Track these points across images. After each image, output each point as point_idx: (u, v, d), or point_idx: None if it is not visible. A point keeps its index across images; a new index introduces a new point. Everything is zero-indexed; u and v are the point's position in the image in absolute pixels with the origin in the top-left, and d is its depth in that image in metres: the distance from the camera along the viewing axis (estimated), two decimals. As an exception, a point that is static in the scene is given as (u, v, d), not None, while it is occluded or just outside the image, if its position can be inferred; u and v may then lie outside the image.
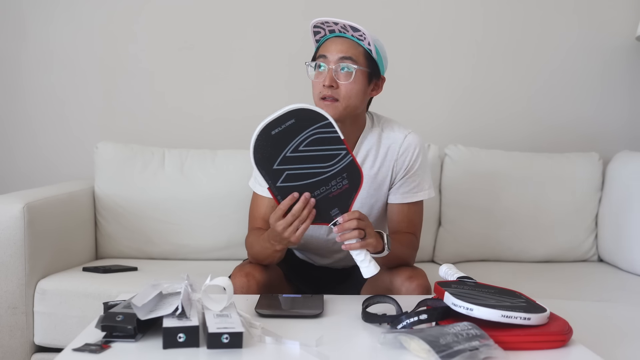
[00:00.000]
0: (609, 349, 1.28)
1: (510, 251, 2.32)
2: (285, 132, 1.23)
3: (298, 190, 1.26)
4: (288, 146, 1.23)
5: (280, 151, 1.23)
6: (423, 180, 1.64)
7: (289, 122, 1.23)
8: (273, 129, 1.22)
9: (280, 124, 1.22)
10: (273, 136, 1.22)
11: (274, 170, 1.23)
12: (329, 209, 1.30)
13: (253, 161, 1.22)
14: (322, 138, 1.26)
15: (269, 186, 1.25)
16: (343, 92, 1.51)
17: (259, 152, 1.22)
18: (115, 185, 2.24)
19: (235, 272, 1.56)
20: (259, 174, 1.24)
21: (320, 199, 1.28)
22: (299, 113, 1.24)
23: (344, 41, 1.52)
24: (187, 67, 2.53)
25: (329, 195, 1.29)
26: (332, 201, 1.29)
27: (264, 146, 1.22)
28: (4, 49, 2.52)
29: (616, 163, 2.35)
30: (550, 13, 2.56)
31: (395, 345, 1.07)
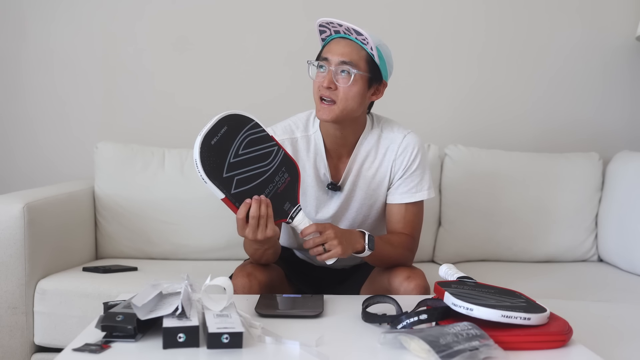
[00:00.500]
0: (609, 349, 1.28)
1: (510, 251, 2.32)
2: (222, 140, 1.27)
3: (250, 193, 1.29)
4: (229, 152, 1.27)
5: (224, 159, 1.26)
6: (422, 181, 1.64)
7: (223, 130, 1.27)
8: (211, 139, 1.26)
9: (216, 133, 1.26)
10: (213, 146, 1.26)
11: (225, 179, 1.26)
12: (282, 205, 1.34)
13: (204, 174, 1.24)
14: (255, 139, 1.31)
15: (225, 196, 1.27)
16: (341, 94, 1.51)
17: (207, 165, 1.24)
18: (115, 185, 2.24)
19: (237, 272, 1.56)
20: (213, 187, 1.26)
21: (271, 197, 1.32)
22: (229, 119, 1.29)
23: (347, 44, 1.52)
24: (187, 67, 2.53)
25: (277, 191, 1.33)
26: (282, 196, 1.34)
27: (208, 157, 1.25)
28: (4, 49, 2.52)
29: (616, 163, 2.35)
30: (550, 13, 2.56)
31: (395, 345, 1.07)
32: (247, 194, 1.29)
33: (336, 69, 1.51)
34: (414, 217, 1.65)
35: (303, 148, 1.64)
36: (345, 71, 1.51)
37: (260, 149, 1.32)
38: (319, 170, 1.64)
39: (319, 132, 1.63)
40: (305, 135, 1.64)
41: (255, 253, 1.53)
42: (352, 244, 1.43)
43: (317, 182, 1.65)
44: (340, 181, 1.65)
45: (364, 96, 1.55)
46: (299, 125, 1.65)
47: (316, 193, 1.65)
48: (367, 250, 1.45)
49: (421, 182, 1.64)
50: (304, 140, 1.64)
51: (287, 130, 1.64)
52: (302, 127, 1.65)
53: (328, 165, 1.64)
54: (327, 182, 1.65)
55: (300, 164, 1.63)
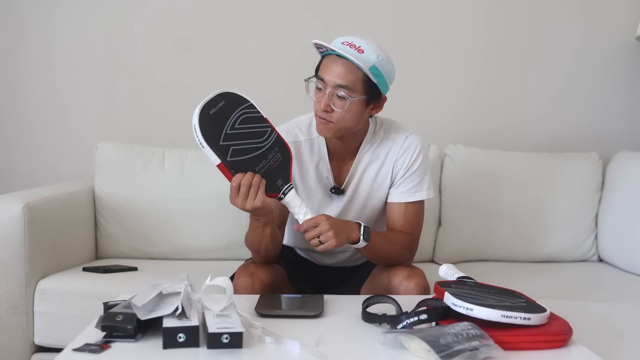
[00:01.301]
0: (609, 349, 1.28)
1: (510, 251, 2.32)
2: (220, 112, 1.33)
3: (245, 164, 1.34)
4: (226, 124, 1.33)
5: (221, 129, 1.32)
6: (422, 181, 1.65)
7: (221, 104, 1.34)
8: (210, 109, 1.32)
9: (214, 105, 1.33)
10: (211, 115, 1.31)
11: (221, 146, 1.31)
12: (275, 180, 1.38)
13: (202, 139, 1.29)
14: (250, 117, 1.37)
15: (222, 162, 1.31)
16: (337, 116, 1.51)
17: (205, 130, 1.29)
18: (115, 185, 2.24)
19: (239, 272, 1.56)
20: (210, 152, 1.30)
21: (264, 172, 1.36)
22: (227, 96, 1.36)
23: (343, 64, 1.48)
24: (187, 67, 2.53)
25: (270, 167, 1.37)
26: (275, 173, 1.38)
27: (207, 124, 1.30)
28: (4, 49, 2.52)
29: (616, 163, 2.35)
30: (550, 14, 2.56)
31: (395, 345, 1.07)
32: (242, 164, 1.33)
33: (332, 92, 1.49)
34: (414, 216, 1.65)
35: (306, 151, 1.64)
36: (341, 95, 1.49)
37: (255, 127, 1.37)
38: (321, 173, 1.65)
39: (322, 137, 1.64)
40: (309, 139, 1.65)
41: (255, 236, 1.53)
42: (348, 234, 1.45)
43: (319, 185, 1.65)
44: (344, 185, 1.66)
45: (361, 115, 1.55)
46: (302, 129, 1.66)
47: (318, 196, 1.66)
48: (362, 241, 1.46)
49: (421, 182, 1.64)
50: (307, 144, 1.64)
51: (291, 133, 1.65)
52: (306, 130, 1.65)
53: (331, 169, 1.64)
54: (330, 186, 1.66)
55: (304, 167, 1.64)
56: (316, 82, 1.54)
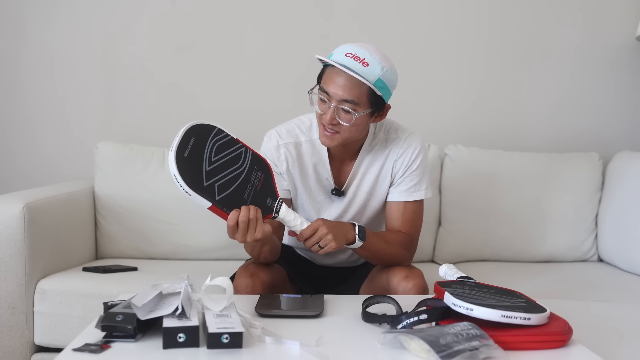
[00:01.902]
0: (609, 349, 1.28)
1: (510, 251, 2.32)
2: (193, 151, 1.30)
3: (233, 196, 1.32)
4: (203, 161, 1.30)
5: (200, 169, 1.29)
6: (421, 181, 1.65)
7: (191, 141, 1.31)
8: (183, 151, 1.29)
9: (186, 145, 1.30)
10: (187, 158, 1.28)
11: (207, 187, 1.28)
12: (264, 202, 1.37)
13: (187, 186, 1.25)
14: (222, 144, 1.35)
15: (213, 204, 1.29)
16: (343, 128, 1.51)
17: (187, 177, 1.26)
18: (115, 185, 2.24)
19: (240, 272, 1.56)
20: (198, 197, 1.27)
21: (253, 197, 1.34)
22: (194, 130, 1.33)
23: (348, 78, 1.47)
24: (187, 67, 2.53)
25: (256, 189, 1.36)
26: (262, 194, 1.37)
27: (186, 170, 1.27)
28: (4, 49, 2.52)
29: (616, 163, 2.35)
30: (550, 14, 2.56)
31: (395, 345, 1.07)
32: (231, 197, 1.31)
33: (337, 106, 1.48)
34: (413, 215, 1.65)
35: (307, 152, 1.64)
36: (346, 110, 1.48)
37: (230, 153, 1.35)
38: (321, 175, 1.65)
39: None
40: (309, 140, 1.64)
41: (254, 251, 1.55)
42: (345, 235, 1.45)
43: (319, 187, 1.65)
44: (344, 186, 1.66)
45: (366, 125, 1.57)
46: (302, 129, 1.65)
47: (319, 197, 1.66)
48: (358, 240, 1.46)
49: (420, 182, 1.65)
50: (308, 145, 1.64)
51: (292, 133, 1.64)
52: (307, 131, 1.65)
53: (331, 171, 1.64)
54: (330, 188, 1.66)
55: (304, 168, 1.64)
56: (319, 94, 1.52)
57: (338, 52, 1.49)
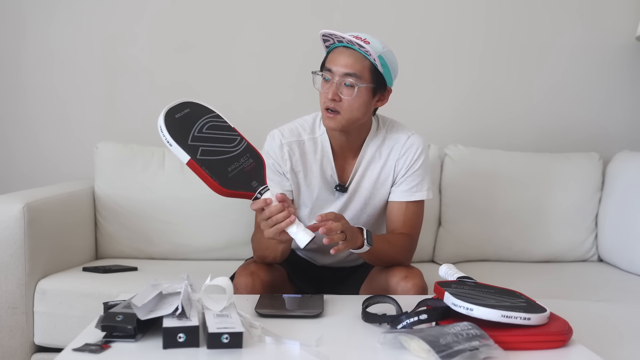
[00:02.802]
0: (609, 349, 1.28)
1: (510, 251, 2.32)
2: (185, 117, 1.31)
3: (216, 165, 1.30)
4: (193, 127, 1.30)
5: (188, 131, 1.29)
6: (423, 181, 1.65)
7: (185, 110, 1.32)
8: (175, 113, 1.30)
9: (179, 110, 1.31)
10: (177, 119, 1.29)
11: (190, 146, 1.28)
12: (249, 181, 1.34)
13: (170, 137, 1.26)
14: (217, 125, 1.35)
15: (192, 159, 1.27)
16: (345, 105, 1.53)
17: (172, 130, 1.27)
18: (115, 185, 2.24)
19: (240, 271, 1.57)
20: (179, 149, 1.26)
21: (237, 173, 1.32)
22: (191, 105, 1.34)
23: (350, 54, 1.52)
24: (187, 67, 2.53)
25: (243, 169, 1.33)
26: (249, 175, 1.34)
27: (173, 125, 1.27)
28: (4, 49, 2.52)
29: (616, 163, 2.35)
30: (550, 14, 2.56)
31: (395, 345, 1.07)
32: (214, 164, 1.29)
33: (340, 80, 1.52)
34: (414, 215, 1.65)
35: (310, 150, 1.65)
36: (349, 83, 1.52)
37: (223, 134, 1.34)
38: (325, 171, 1.65)
39: (325, 135, 1.65)
40: (312, 138, 1.65)
41: (269, 244, 1.53)
42: (354, 241, 1.43)
43: (323, 184, 1.66)
44: (347, 182, 1.66)
45: (368, 105, 1.57)
46: (305, 128, 1.67)
47: (321, 194, 1.67)
48: (366, 245, 1.46)
49: (422, 182, 1.65)
50: (311, 143, 1.65)
51: (294, 132, 1.65)
52: (309, 129, 1.66)
53: (335, 167, 1.65)
54: (334, 184, 1.66)
55: (308, 165, 1.65)
56: (323, 74, 1.56)
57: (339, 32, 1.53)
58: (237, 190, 1.29)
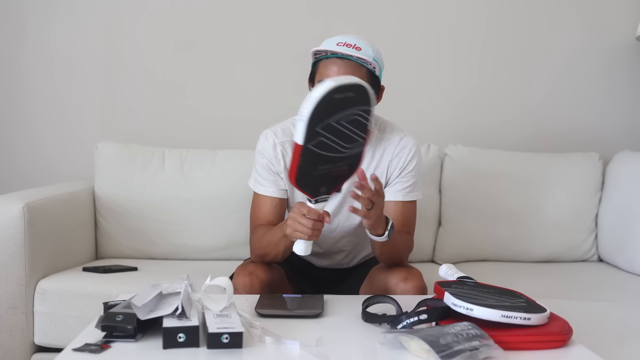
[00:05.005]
0: (609, 349, 1.28)
1: (510, 251, 2.32)
2: (341, 101, 1.20)
3: (315, 157, 1.23)
4: (336, 115, 1.20)
5: (328, 116, 1.19)
6: (417, 181, 1.67)
7: (349, 94, 1.20)
8: (337, 93, 1.18)
9: (344, 91, 1.19)
10: (333, 100, 1.18)
11: (314, 132, 1.20)
12: (322, 186, 1.29)
13: (308, 113, 1.17)
14: (358, 121, 1.24)
15: (302, 145, 1.20)
16: None
17: (317, 108, 1.17)
18: (115, 185, 2.24)
19: (238, 271, 1.56)
20: (301, 130, 1.18)
21: (322, 174, 1.27)
22: (359, 90, 1.22)
23: (347, 64, 1.50)
24: (187, 67, 2.53)
25: (330, 173, 1.28)
26: (329, 179, 1.29)
27: (322, 105, 1.17)
28: (4, 49, 2.52)
29: (616, 163, 2.35)
30: (550, 14, 2.56)
31: (395, 345, 1.07)
32: (312, 158, 1.23)
33: None
34: (411, 215, 1.66)
35: None
36: None
37: (352, 132, 1.25)
38: None
39: None
40: None
41: (273, 238, 1.53)
42: (377, 223, 1.42)
43: None
44: None
45: None
46: None
47: None
48: (386, 236, 1.45)
49: (416, 183, 1.67)
50: None
51: (287, 132, 1.66)
52: None
53: None
54: None
55: None
56: None
57: (328, 44, 1.52)
58: (302, 189, 1.27)
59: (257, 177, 1.67)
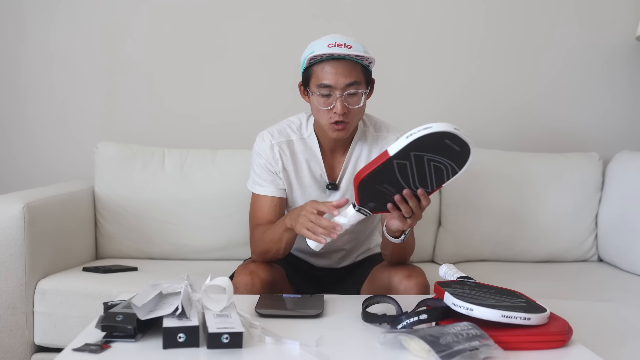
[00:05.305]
0: (609, 349, 1.28)
1: (510, 251, 2.32)
2: (446, 148, 1.19)
3: (390, 177, 1.23)
4: (433, 154, 1.20)
5: (427, 151, 1.19)
6: None
7: (456, 147, 1.20)
8: (449, 139, 1.18)
9: (455, 142, 1.19)
10: (442, 141, 1.18)
11: (408, 154, 1.19)
12: (373, 200, 1.30)
13: (417, 136, 1.16)
14: (441, 173, 1.25)
15: (390, 157, 1.20)
16: (353, 114, 1.55)
17: (426, 138, 1.16)
18: (115, 185, 2.24)
19: (239, 270, 1.57)
20: (400, 145, 1.18)
21: (382, 192, 1.27)
22: (465, 150, 1.22)
23: (343, 64, 1.51)
24: (187, 68, 2.53)
25: (387, 195, 1.28)
26: (381, 199, 1.29)
27: (433, 139, 1.17)
28: (4, 49, 2.52)
29: (616, 163, 2.35)
30: (550, 13, 2.56)
31: (395, 345, 1.07)
32: (390, 174, 1.23)
33: (344, 93, 1.51)
34: None
35: (299, 150, 1.67)
36: (352, 93, 1.52)
37: (431, 177, 1.26)
38: (315, 171, 1.67)
39: (313, 136, 1.67)
40: (300, 138, 1.68)
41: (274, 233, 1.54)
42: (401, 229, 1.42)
43: (314, 183, 1.67)
44: (337, 180, 1.67)
45: (365, 104, 1.59)
46: (293, 129, 1.69)
47: (313, 193, 1.68)
48: (402, 239, 1.46)
49: None
50: (299, 143, 1.67)
51: (283, 133, 1.67)
52: (297, 130, 1.69)
53: (324, 166, 1.66)
54: (325, 183, 1.68)
55: (298, 165, 1.66)
56: (318, 91, 1.53)
57: (319, 48, 1.52)
58: (358, 191, 1.27)
59: (255, 178, 1.68)
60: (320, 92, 1.53)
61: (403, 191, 1.29)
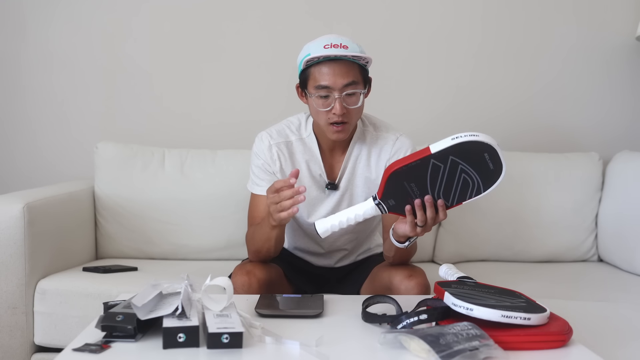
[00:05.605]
0: (609, 349, 1.28)
1: (510, 251, 2.32)
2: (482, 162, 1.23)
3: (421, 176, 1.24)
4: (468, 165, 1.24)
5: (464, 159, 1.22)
6: None
7: (491, 165, 1.26)
8: (488, 153, 1.23)
9: (492, 159, 1.25)
10: (481, 154, 1.22)
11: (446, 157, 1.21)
12: (394, 197, 1.30)
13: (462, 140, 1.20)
14: (467, 186, 1.28)
15: (430, 154, 1.21)
16: (352, 114, 1.55)
17: (468, 145, 1.19)
18: (115, 185, 2.24)
19: (237, 270, 1.57)
20: (442, 145, 1.20)
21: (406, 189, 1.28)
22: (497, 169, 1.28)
23: (340, 65, 1.52)
24: (187, 68, 2.53)
25: (409, 195, 1.29)
26: (403, 198, 1.29)
27: (474, 148, 1.20)
28: (4, 49, 2.52)
29: (616, 163, 2.35)
30: (549, 12, 2.56)
31: (395, 345, 1.07)
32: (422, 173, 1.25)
33: (342, 93, 1.52)
34: None
35: (299, 150, 1.67)
36: (351, 93, 1.52)
37: (455, 188, 1.28)
38: (314, 171, 1.67)
39: (312, 136, 1.67)
40: (299, 139, 1.68)
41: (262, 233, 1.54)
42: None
43: (314, 183, 1.67)
44: (337, 180, 1.68)
45: (363, 103, 1.59)
46: (292, 129, 1.69)
47: (312, 193, 1.68)
48: (408, 243, 1.45)
49: None
50: (299, 143, 1.68)
51: (282, 133, 1.68)
52: (296, 130, 1.69)
53: (324, 166, 1.66)
54: (324, 183, 1.68)
55: (296, 165, 1.67)
56: (316, 92, 1.54)
57: (315, 49, 1.52)
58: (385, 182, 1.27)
59: (253, 178, 1.69)
60: (318, 93, 1.53)
61: (425, 197, 1.29)
